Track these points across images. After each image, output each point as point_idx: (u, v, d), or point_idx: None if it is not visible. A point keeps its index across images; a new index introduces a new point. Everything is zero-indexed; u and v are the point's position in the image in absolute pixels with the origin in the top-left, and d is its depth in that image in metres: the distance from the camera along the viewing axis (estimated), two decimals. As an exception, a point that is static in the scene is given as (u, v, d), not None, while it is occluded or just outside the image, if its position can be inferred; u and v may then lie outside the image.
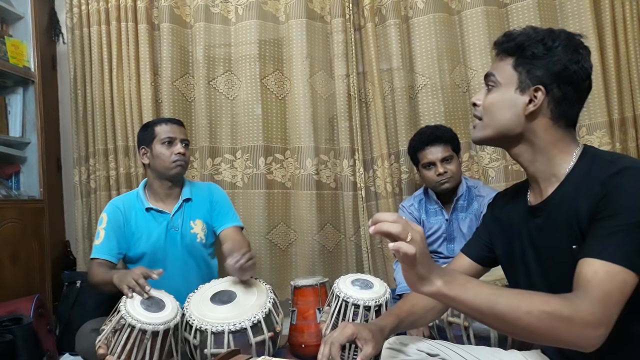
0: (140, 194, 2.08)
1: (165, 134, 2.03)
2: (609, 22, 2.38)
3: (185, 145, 2.07)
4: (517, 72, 1.06)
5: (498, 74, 1.09)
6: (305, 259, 2.64)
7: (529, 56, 1.05)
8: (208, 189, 2.19)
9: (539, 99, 1.04)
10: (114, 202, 2.09)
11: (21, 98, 2.58)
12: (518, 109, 1.06)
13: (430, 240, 2.21)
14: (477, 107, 1.14)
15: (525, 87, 1.05)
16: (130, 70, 2.67)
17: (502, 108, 1.08)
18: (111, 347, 1.57)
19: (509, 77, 1.07)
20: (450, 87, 2.56)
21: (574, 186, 1.00)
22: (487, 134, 1.11)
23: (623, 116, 2.38)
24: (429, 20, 2.55)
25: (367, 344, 1.14)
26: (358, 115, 2.64)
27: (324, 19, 2.71)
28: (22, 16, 2.61)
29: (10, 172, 2.59)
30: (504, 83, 1.08)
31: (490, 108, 1.10)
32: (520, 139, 1.08)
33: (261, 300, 1.75)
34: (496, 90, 1.09)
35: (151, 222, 2.04)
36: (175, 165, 2.03)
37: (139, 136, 2.12)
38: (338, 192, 2.70)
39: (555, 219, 1.03)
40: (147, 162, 2.06)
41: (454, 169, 2.13)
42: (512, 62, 1.07)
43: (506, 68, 1.08)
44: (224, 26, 2.72)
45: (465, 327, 1.66)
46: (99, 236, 1.99)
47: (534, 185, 1.12)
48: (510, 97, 1.06)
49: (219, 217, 2.13)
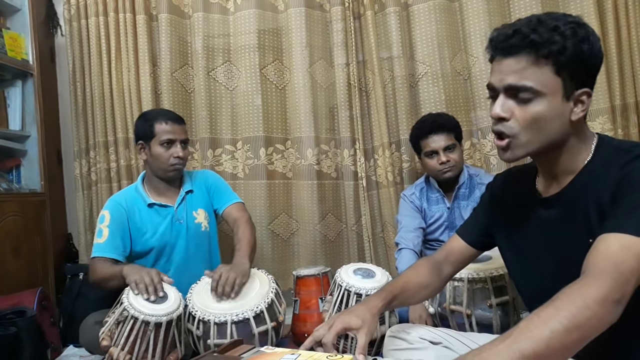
0: (140, 189, 2.06)
1: (165, 135, 1.97)
2: (610, 7, 2.35)
3: (185, 146, 2.04)
4: (560, 77, 0.94)
5: (537, 84, 0.94)
6: (307, 248, 2.64)
7: (571, 57, 0.93)
8: (203, 176, 2.20)
9: (587, 103, 0.96)
10: (115, 199, 2.06)
11: (20, 91, 2.57)
12: (566, 118, 0.96)
13: (432, 228, 2.21)
14: (506, 122, 0.98)
15: (571, 92, 0.95)
16: (129, 62, 2.65)
17: (553, 119, 0.96)
18: (115, 338, 1.58)
19: (553, 84, 0.94)
20: (451, 74, 2.54)
21: (593, 177, 0.98)
22: (530, 150, 0.99)
23: (625, 102, 2.36)
24: (429, 8, 2.52)
25: (360, 333, 1.09)
26: (358, 104, 2.63)
27: (323, 8, 2.69)
28: (19, 8, 2.59)
29: (10, 166, 2.58)
30: (549, 92, 0.94)
31: (537, 123, 0.96)
32: (560, 146, 1.00)
33: (263, 291, 1.75)
34: (540, 101, 0.95)
35: (155, 216, 2.04)
36: (172, 169, 2.01)
37: (137, 127, 2.06)
38: (339, 182, 2.70)
39: (571, 210, 1.01)
40: (145, 158, 2.04)
41: (456, 158, 2.12)
42: (551, 66, 0.94)
43: (545, 75, 0.94)
44: (222, 16, 2.70)
45: (468, 315, 1.66)
46: (101, 234, 1.94)
47: (547, 177, 1.08)
48: (559, 105, 0.95)
49: (217, 198, 2.14)
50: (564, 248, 1.02)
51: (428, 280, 1.28)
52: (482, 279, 1.67)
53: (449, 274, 1.33)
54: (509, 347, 0.76)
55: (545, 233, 1.07)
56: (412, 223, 2.16)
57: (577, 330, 0.77)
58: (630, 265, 0.82)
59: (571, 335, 0.77)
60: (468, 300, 1.66)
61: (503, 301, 1.66)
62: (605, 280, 0.81)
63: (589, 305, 0.78)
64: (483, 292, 1.68)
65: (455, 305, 1.70)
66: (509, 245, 1.20)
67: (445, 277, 1.32)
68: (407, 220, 2.18)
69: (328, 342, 1.07)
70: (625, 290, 0.81)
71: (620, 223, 0.87)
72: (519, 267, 1.19)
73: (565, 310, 0.78)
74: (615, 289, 0.80)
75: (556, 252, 1.05)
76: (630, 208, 0.88)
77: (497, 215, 1.23)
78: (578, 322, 0.77)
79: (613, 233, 0.86)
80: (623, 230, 0.85)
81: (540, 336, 0.76)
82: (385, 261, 2.61)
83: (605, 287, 0.80)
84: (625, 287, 0.81)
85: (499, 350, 0.77)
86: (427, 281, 1.28)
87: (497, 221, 1.22)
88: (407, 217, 2.19)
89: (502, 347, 0.77)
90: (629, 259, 0.82)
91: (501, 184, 1.26)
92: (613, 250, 0.84)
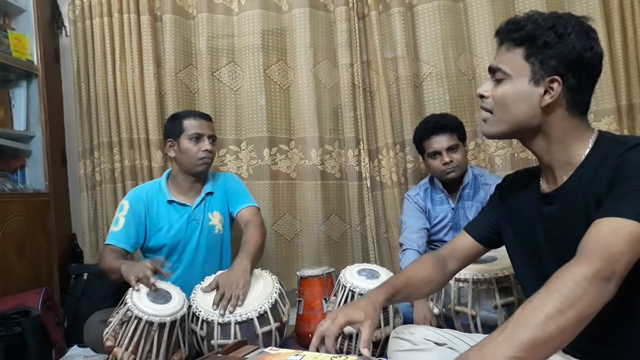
0: (162, 185, 2.10)
1: (193, 130, 2.03)
2: (616, 7, 2.34)
3: (213, 141, 2.07)
4: (529, 63, 1.01)
5: (507, 66, 1.04)
6: (311, 249, 2.64)
7: (541, 45, 1.00)
8: (224, 179, 2.21)
9: (556, 90, 1.00)
10: (137, 192, 2.11)
11: (25, 92, 2.58)
12: (534, 102, 1.02)
13: (437, 229, 2.20)
14: (486, 99, 1.08)
15: (539, 79, 1.01)
16: (134, 62, 2.66)
17: (517, 101, 1.03)
18: (119, 338, 1.58)
19: (521, 68, 1.02)
20: (456, 75, 2.54)
21: (591, 171, 0.98)
22: (502, 128, 1.07)
23: (631, 102, 2.35)
24: (433, 8, 2.52)
25: (363, 326, 1.08)
26: (362, 104, 2.62)
27: (327, 8, 2.69)
28: (24, 9, 2.60)
29: (15, 166, 2.59)
30: (515, 75, 1.03)
31: (503, 101, 1.05)
32: (536, 131, 1.05)
33: (267, 291, 1.75)
34: (507, 83, 1.04)
35: (173, 214, 2.06)
36: (201, 163, 2.04)
37: (167, 127, 2.12)
38: (343, 182, 2.69)
39: (571, 205, 1.01)
40: (174, 155, 2.06)
41: (459, 158, 2.11)
42: (522, 52, 1.02)
43: (516, 59, 1.03)
44: (226, 16, 2.70)
45: (473, 316, 1.65)
46: (117, 223, 2.00)
47: (547, 173, 1.09)
48: (524, 89, 1.02)
49: (233, 201, 2.15)
50: (564, 243, 1.02)
51: (432, 275, 1.28)
52: (487, 280, 1.66)
53: (453, 269, 1.32)
54: (508, 338, 0.77)
55: (546, 229, 1.08)
56: (416, 224, 2.16)
57: (570, 310, 0.77)
58: (620, 246, 0.83)
59: (566, 316, 0.77)
60: (473, 301, 1.66)
61: (508, 302, 1.65)
62: (594, 259, 0.82)
63: (580, 284, 0.79)
64: (488, 293, 1.67)
65: (460, 306, 1.69)
66: (515, 244, 1.20)
67: (450, 273, 1.32)
68: (411, 221, 2.17)
69: (331, 335, 1.07)
70: (616, 268, 0.82)
71: (611, 208, 0.88)
72: (523, 266, 1.19)
73: (556, 292, 0.79)
74: (605, 267, 0.81)
75: (557, 248, 1.05)
76: (621, 194, 0.89)
77: (505, 214, 1.23)
78: (570, 301, 0.78)
79: (605, 218, 0.87)
80: (614, 214, 0.86)
81: (536, 322, 0.77)
82: (389, 262, 2.60)
83: (595, 265, 0.81)
84: (615, 265, 0.82)
85: (498, 342, 0.77)
86: (432, 276, 1.27)
87: (505, 220, 1.23)
88: (411, 218, 2.19)
89: (501, 339, 0.77)
90: (618, 240, 0.83)
91: (509, 184, 1.26)
92: (603, 233, 0.85)
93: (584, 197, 0.98)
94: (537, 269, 1.10)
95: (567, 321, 0.77)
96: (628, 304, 0.93)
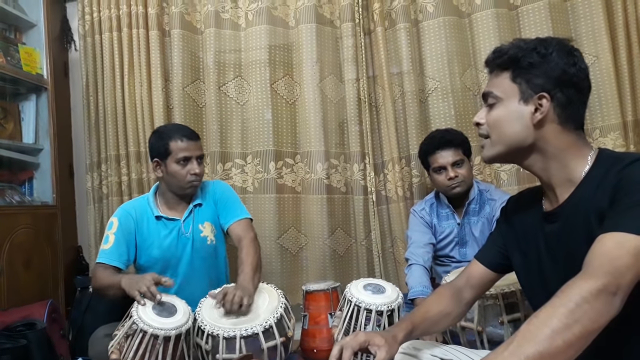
0: (150, 201, 2.07)
1: (181, 153, 1.96)
2: (621, 23, 2.36)
3: (200, 161, 2.03)
4: (516, 84, 1.06)
5: (496, 89, 1.08)
6: (316, 263, 2.63)
7: (526, 66, 1.04)
8: (213, 188, 2.17)
9: (545, 106, 1.03)
10: (125, 208, 2.08)
11: (34, 105, 2.61)
12: (526, 120, 1.04)
13: (443, 244, 2.20)
14: (481, 125, 1.13)
15: (528, 97, 1.04)
16: (142, 77, 2.69)
17: (509, 121, 1.07)
18: (124, 352, 1.57)
19: (509, 90, 1.06)
20: (461, 90, 2.55)
21: (592, 188, 0.99)
22: (499, 150, 1.10)
23: (637, 118, 2.35)
24: (439, 24, 2.54)
25: (381, 349, 1.11)
26: (368, 119, 2.63)
27: (334, 24, 2.71)
28: (34, 24, 2.65)
29: (23, 178, 2.61)
30: (505, 97, 1.07)
31: (496, 124, 1.09)
32: (532, 149, 1.07)
33: (273, 305, 1.75)
34: (499, 106, 1.08)
35: (162, 229, 2.04)
36: (190, 185, 2.01)
37: (152, 144, 2.05)
38: (349, 197, 2.69)
39: (572, 223, 1.02)
40: (161, 175, 2.03)
41: (464, 173, 2.11)
42: (509, 75, 1.07)
43: (504, 82, 1.07)
44: (234, 32, 2.74)
45: (479, 332, 1.64)
46: (107, 241, 1.96)
47: (549, 192, 1.10)
48: (515, 108, 1.06)
49: (224, 213, 2.11)
50: (568, 261, 1.02)
51: (449, 308, 1.28)
52: (493, 296, 1.65)
53: (470, 299, 1.32)
54: (514, 353, 0.77)
55: (549, 247, 1.08)
56: (422, 239, 2.15)
57: (577, 325, 0.78)
58: (625, 261, 0.83)
59: (572, 330, 0.78)
60: (479, 317, 1.65)
61: (515, 318, 1.64)
62: (600, 274, 0.82)
63: (586, 299, 0.80)
64: (494, 308, 1.66)
65: (466, 322, 1.68)
66: (522, 265, 1.20)
67: (467, 303, 1.32)
68: (417, 236, 2.17)
69: (350, 348, 1.10)
70: (621, 283, 0.82)
71: (614, 223, 0.89)
72: (529, 286, 1.19)
73: (562, 307, 0.80)
74: (611, 282, 0.81)
75: (560, 266, 1.05)
76: (624, 208, 0.89)
77: (510, 236, 1.23)
78: (576, 316, 0.78)
79: (608, 233, 0.88)
80: (617, 229, 0.87)
81: (542, 336, 0.77)
82: (395, 277, 2.59)
83: (601, 280, 0.81)
84: (620, 280, 0.82)
85: (504, 357, 0.78)
86: (448, 309, 1.28)
87: (511, 241, 1.23)
88: (417, 233, 2.18)
89: (507, 354, 0.78)
90: (623, 255, 0.84)
91: (513, 205, 1.27)
92: (608, 247, 0.86)
93: (585, 214, 0.98)
94: (543, 287, 1.10)
95: (574, 336, 0.78)
96: (633, 319, 0.92)
